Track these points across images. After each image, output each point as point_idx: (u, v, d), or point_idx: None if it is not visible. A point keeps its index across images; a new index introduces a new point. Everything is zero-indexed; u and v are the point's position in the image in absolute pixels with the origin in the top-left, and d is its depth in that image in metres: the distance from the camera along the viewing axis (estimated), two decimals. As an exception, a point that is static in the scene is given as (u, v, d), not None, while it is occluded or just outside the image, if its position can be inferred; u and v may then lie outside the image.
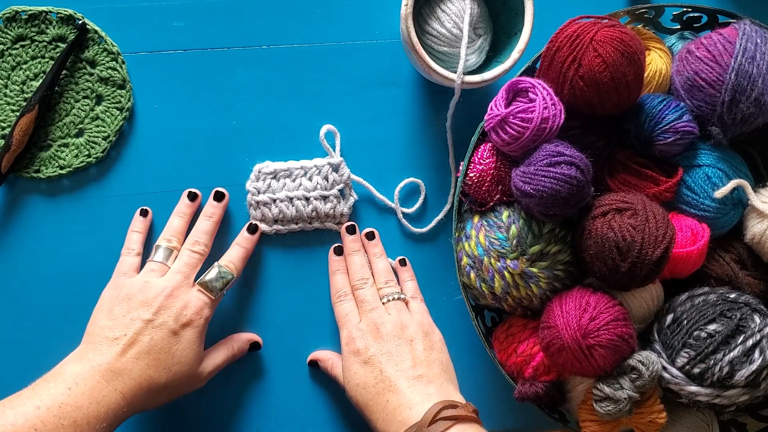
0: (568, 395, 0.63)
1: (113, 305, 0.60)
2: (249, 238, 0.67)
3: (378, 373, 0.60)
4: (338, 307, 0.66)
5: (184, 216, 0.66)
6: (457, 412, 0.56)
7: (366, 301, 0.65)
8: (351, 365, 0.62)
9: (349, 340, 0.63)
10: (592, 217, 0.58)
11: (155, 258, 0.63)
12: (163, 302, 0.60)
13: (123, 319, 0.59)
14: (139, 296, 0.60)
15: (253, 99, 0.71)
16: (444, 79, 0.63)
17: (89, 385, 0.55)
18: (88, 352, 0.58)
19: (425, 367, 0.61)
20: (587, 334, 0.55)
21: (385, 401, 0.59)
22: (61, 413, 0.52)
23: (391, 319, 0.64)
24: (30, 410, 0.52)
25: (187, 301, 0.61)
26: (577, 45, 0.57)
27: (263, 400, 0.69)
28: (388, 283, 0.67)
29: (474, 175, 0.62)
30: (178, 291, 0.61)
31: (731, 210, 0.61)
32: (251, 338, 0.68)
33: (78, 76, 0.69)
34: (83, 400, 0.54)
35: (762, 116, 0.59)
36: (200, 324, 0.61)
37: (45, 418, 0.51)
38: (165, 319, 0.59)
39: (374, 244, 0.69)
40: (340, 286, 0.67)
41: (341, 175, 0.69)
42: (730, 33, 0.59)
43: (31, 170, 0.68)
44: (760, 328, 0.56)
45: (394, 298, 0.66)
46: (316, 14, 0.71)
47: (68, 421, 0.52)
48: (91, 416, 0.53)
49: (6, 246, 0.68)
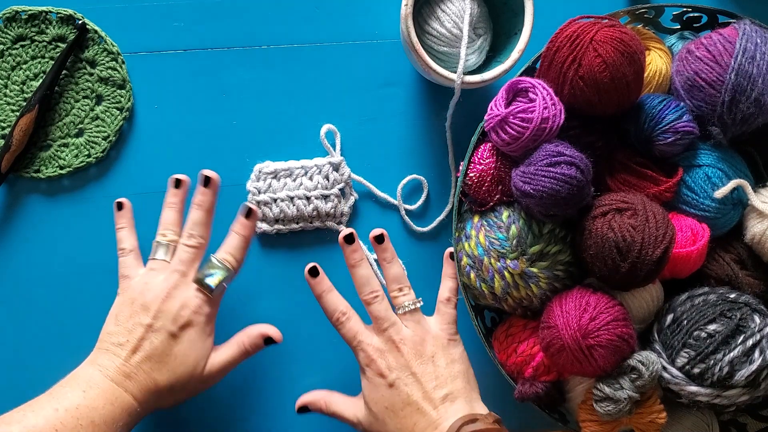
0: (568, 395, 0.63)
1: (119, 310, 0.61)
2: (246, 223, 0.64)
3: (405, 396, 0.59)
4: (343, 330, 0.62)
5: (174, 205, 0.64)
6: (476, 426, 0.56)
7: (380, 318, 0.61)
8: (377, 387, 0.60)
9: (369, 362, 0.60)
10: (592, 217, 0.58)
11: (156, 256, 0.63)
12: (160, 305, 0.60)
13: (126, 324, 0.59)
14: (139, 300, 0.60)
15: (253, 99, 0.71)
16: (444, 79, 0.64)
17: (102, 388, 0.56)
18: (98, 357, 0.59)
19: (450, 384, 0.60)
20: (587, 334, 0.55)
21: (412, 424, 0.58)
22: (79, 414, 0.54)
23: (410, 334, 0.61)
24: (50, 413, 0.53)
25: (185, 301, 0.60)
26: (577, 45, 0.57)
27: (263, 400, 0.69)
28: (402, 291, 0.62)
29: (474, 175, 0.62)
30: (175, 291, 0.60)
31: (731, 210, 0.61)
32: (264, 332, 0.63)
33: (78, 76, 0.69)
34: (98, 402, 0.55)
35: (762, 116, 0.59)
36: (201, 322, 0.60)
37: (64, 419, 0.53)
38: (163, 323, 0.59)
39: (384, 248, 0.63)
40: (333, 307, 0.62)
41: (342, 174, 0.69)
42: (730, 33, 0.59)
43: (31, 170, 0.68)
44: (760, 328, 0.56)
45: (409, 310, 0.62)
46: (316, 14, 0.71)
47: (86, 421, 0.54)
48: (107, 416, 0.55)
49: (6, 246, 0.68)
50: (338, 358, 0.69)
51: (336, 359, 0.69)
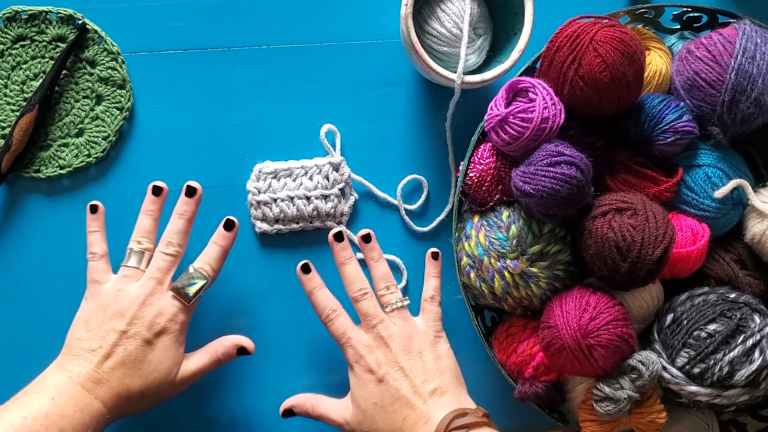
0: (568, 395, 0.63)
1: (90, 316, 0.60)
2: (226, 235, 0.64)
3: (394, 391, 0.59)
4: (332, 327, 0.63)
5: (152, 213, 0.63)
6: (467, 419, 0.56)
7: (369, 315, 0.62)
8: (366, 383, 0.60)
9: (357, 358, 0.61)
10: (592, 217, 0.58)
11: (128, 263, 0.62)
12: (135, 312, 0.59)
13: (99, 330, 0.59)
14: (113, 306, 0.60)
15: (253, 99, 0.71)
16: (444, 79, 0.64)
17: (71, 395, 0.56)
18: (67, 363, 0.58)
19: (438, 379, 0.60)
20: (587, 334, 0.55)
21: (402, 419, 0.59)
22: (48, 422, 0.53)
23: (398, 330, 0.62)
24: (17, 421, 0.53)
25: (161, 309, 0.60)
26: (577, 45, 0.57)
27: (260, 400, 0.69)
28: (390, 289, 0.64)
29: (474, 175, 0.62)
30: (151, 299, 0.60)
31: (731, 210, 0.61)
32: (237, 342, 0.64)
33: (78, 76, 0.69)
34: (67, 409, 0.55)
35: (762, 116, 0.59)
36: (175, 330, 0.61)
37: (32, 427, 0.53)
38: (138, 329, 0.59)
39: (371, 248, 0.64)
40: (324, 304, 0.63)
41: (342, 174, 0.69)
42: (730, 33, 0.59)
43: (31, 170, 0.68)
44: (760, 328, 0.56)
45: (397, 307, 0.63)
46: (316, 14, 0.71)
47: (55, 429, 0.53)
48: (76, 424, 0.55)
49: (6, 246, 0.68)
50: (337, 359, 0.69)
51: (335, 360, 0.69)
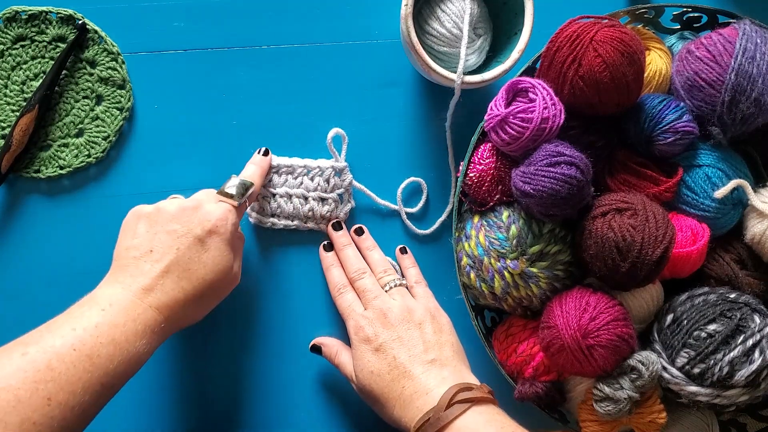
0: (568, 395, 0.63)
1: (135, 224, 0.58)
2: (263, 158, 0.67)
3: (391, 359, 0.60)
4: (339, 300, 0.66)
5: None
6: (472, 394, 0.56)
7: (368, 290, 0.64)
8: (363, 353, 0.61)
9: (357, 329, 0.62)
10: (592, 217, 0.58)
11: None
12: (184, 213, 0.58)
13: (146, 235, 0.57)
14: (162, 212, 0.58)
15: (253, 99, 0.71)
16: (444, 79, 0.64)
17: (123, 305, 0.54)
18: (118, 274, 0.56)
19: (437, 351, 0.60)
20: (587, 334, 0.55)
21: (401, 388, 0.58)
22: (98, 333, 0.51)
23: (397, 304, 0.63)
24: (67, 332, 0.51)
25: (211, 210, 0.59)
26: (577, 45, 0.57)
27: (257, 400, 0.69)
28: (387, 272, 0.66)
29: (474, 175, 0.62)
30: (200, 203, 0.59)
31: (731, 210, 0.61)
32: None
33: (78, 76, 0.69)
34: (119, 319, 0.53)
35: (762, 116, 0.59)
36: (227, 231, 0.59)
37: (82, 338, 0.51)
38: (190, 228, 0.57)
39: (365, 239, 0.69)
40: (337, 280, 0.67)
41: (343, 180, 0.69)
42: (730, 33, 0.59)
43: (31, 170, 0.68)
44: (760, 328, 0.56)
45: (396, 285, 0.65)
46: (316, 14, 0.71)
47: (106, 339, 0.51)
48: (128, 333, 0.52)
49: (6, 246, 0.68)
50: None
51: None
